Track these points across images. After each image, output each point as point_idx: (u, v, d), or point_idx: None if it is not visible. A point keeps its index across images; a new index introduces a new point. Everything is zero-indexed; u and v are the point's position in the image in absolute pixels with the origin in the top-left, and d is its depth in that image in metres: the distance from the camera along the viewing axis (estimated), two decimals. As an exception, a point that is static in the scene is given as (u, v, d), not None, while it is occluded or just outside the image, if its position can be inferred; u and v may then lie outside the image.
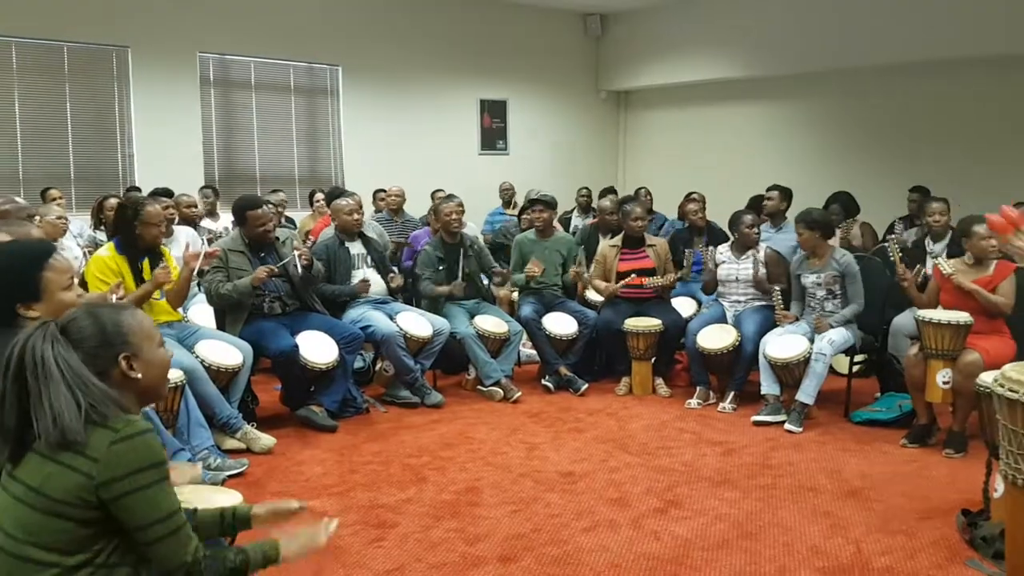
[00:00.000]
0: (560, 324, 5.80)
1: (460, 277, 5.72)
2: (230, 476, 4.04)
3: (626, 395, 5.66)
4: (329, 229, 5.93)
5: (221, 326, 4.94)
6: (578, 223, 8.62)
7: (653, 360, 5.71)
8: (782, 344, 5.03)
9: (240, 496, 2.73)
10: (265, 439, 4.48)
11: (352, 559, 3.24)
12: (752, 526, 3.54)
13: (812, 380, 4.88)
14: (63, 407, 1.63)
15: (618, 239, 5.97)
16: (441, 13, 10.08)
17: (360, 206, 5.72)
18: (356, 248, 5.60)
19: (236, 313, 4.88)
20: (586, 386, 5.68)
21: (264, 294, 4.95)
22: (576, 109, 11.57)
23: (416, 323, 5.41)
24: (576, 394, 5.64)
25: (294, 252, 4.98)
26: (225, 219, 7.23)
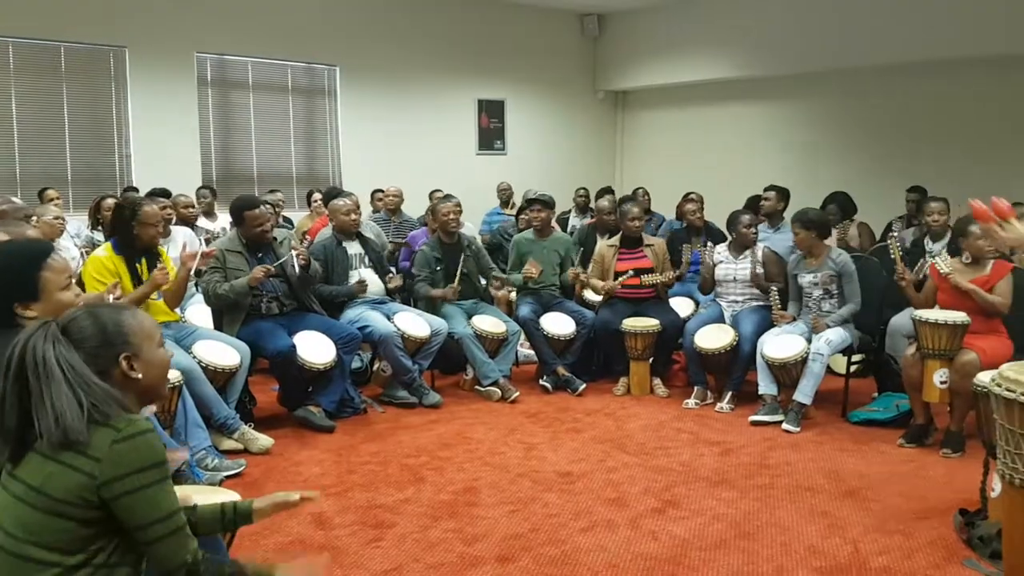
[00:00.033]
0: (558, 324, 5.80)
1: (458, 277, 5.71)
2: (228, 477, 4.04)
3: (624, 395, 5.66)
4: (327, 229, 5.93)
5: (218, 326, 4.94)
6: (576, 223, 8.61)
7: (651, 360, 5.71)
8: (780, 344, 5.04)
9: (238, 496, 2.73)
10: (263, 440, 4.48)
11: (350, 559, 3.24)
12: (750, 526, 3.54)
13: (809, 380, 4.88)
14: (65, 407, 1.63)
15: (616, 239, 5.97)
16: (439, 13, 10.08)
17: (357, 206, 5.71)
18: (353, 248, 5.60)
19: (233, 313, 4.88)
20: (584, 386, 5.68)
21: (262, 294, 4.95)
22: (574, 109, 11.57)
23: (414, 323, 5.41)
24: (574, 394, 5.64)
25: (291, 252, 4.98)
26: (223, 219, 7.23)
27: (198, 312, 5.42)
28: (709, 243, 5.78)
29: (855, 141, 9.37)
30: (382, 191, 8.24)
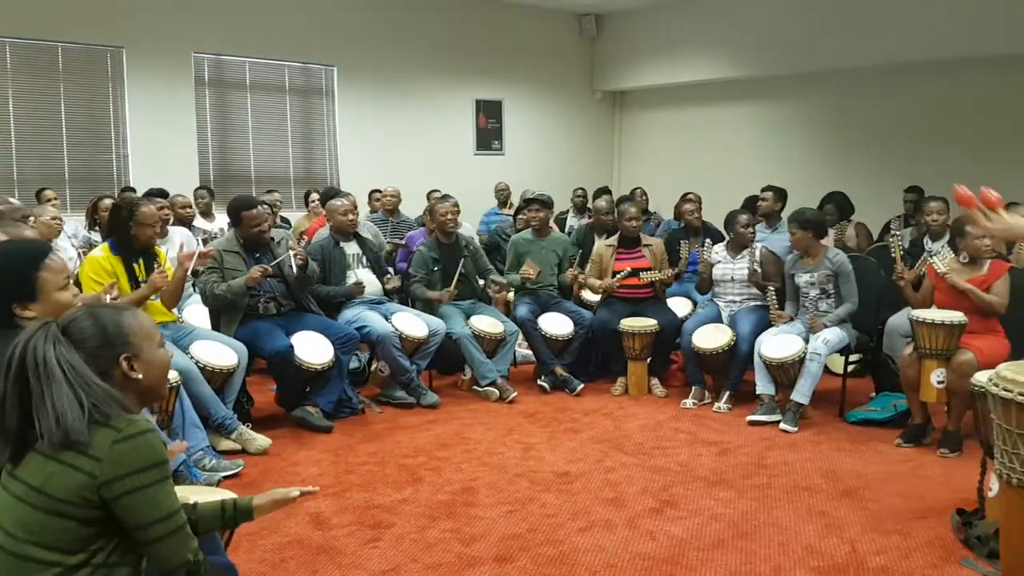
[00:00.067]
0: (556, 324, 5.80)
1: (455, 281, 5.71)
2: (225, 477, 4.04)
3: (622, 395, 5.66)
4: (324, 230, 5.92)
5: (216, 327, 4.93)
6: (573, 223, 8.62)
7: (649, 360, 5.71)
8: (777, 344, 5.04)
9: (234, 497, 2.73)
10: (260, 440, 4.47)
11: (348, 559, 3.24)
12: (747, 526, 3.54)
13: (807, 380, 4.88)
14: (66, 407, 1.63)
15: (614, 239, 5.98)
16: (436, 13, 10.07)
17: (355, 206, 5.71)
18: (351, 248, 5.60)
19: (231, 314, 4.87)
20: (582, 386, 5.68)
21: (259, 295, 4.94)
22: (571, 109, 11.57)
23: (412, 323, 5.41)
24: (572, 394, 5.64)
25: (289, 251, 4.97)
26: (220, 220, 7.22)
27: (195, 312, 5.42)
28: (707, 241, 5.78)
29: (854, 141, 9.37)
30: (380, 191, 8.23)
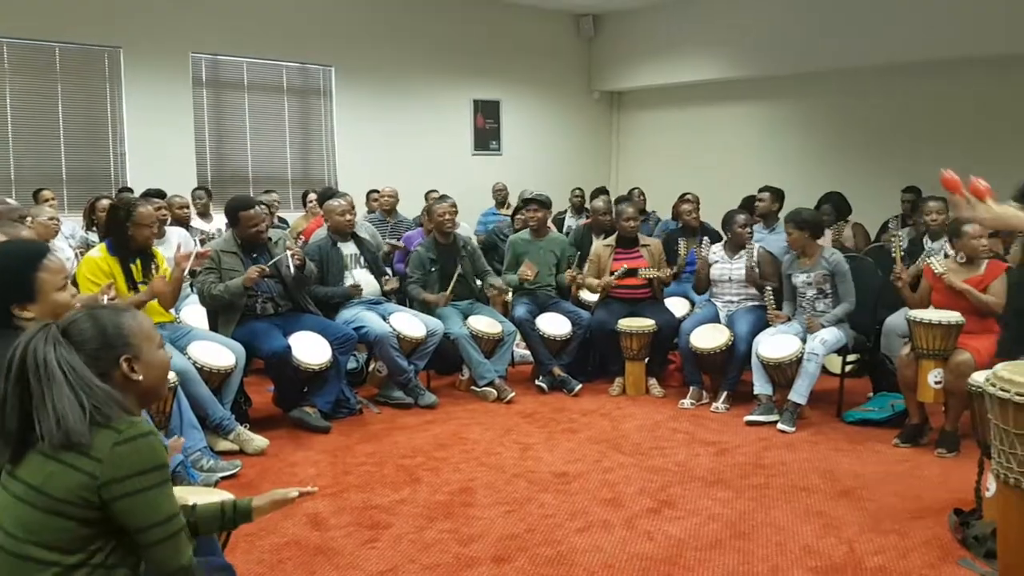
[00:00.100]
0: (554, 324, 5.80)
1: (452, 285, 5.70)
2: (223, 478, 4.03)
3: (620, 395, 5.66)
4: (321, 230, 5.92)
5: (214, 327, 4.93)
6: (571, 224, 8.62)
7: (647, 360, 5.71)
8: (775, 344, 5.04)
9: (233, 498, 2.73)
10: (258, 440, 4.47)
11: (345, 560, 3.24)
12: (745, 526, 3.55)
13: (805, 380, 4.89)
14: (67, 409, 1.63)
15: (612, 239, 5.98)
16: (434, 14, 10.07)
17: (352, 207, 5.71)
18: (349, 249, 5.59)
19: (229, 314, 4.87)
20: (580, 386, 5.68)
21: (257, 295, 4.94)
22: (569, 110, 11.58)
23: (409, 324, 5.41)
24: (570, 394, 5.64)
25: (286, 251, 4.97)
26: (218, 220, 7.22)
27: (193, 313, 5.42)
28: (705, 238, 5.79)
29: (852, 141, 9.37)
30: (378, 191, 8.23)
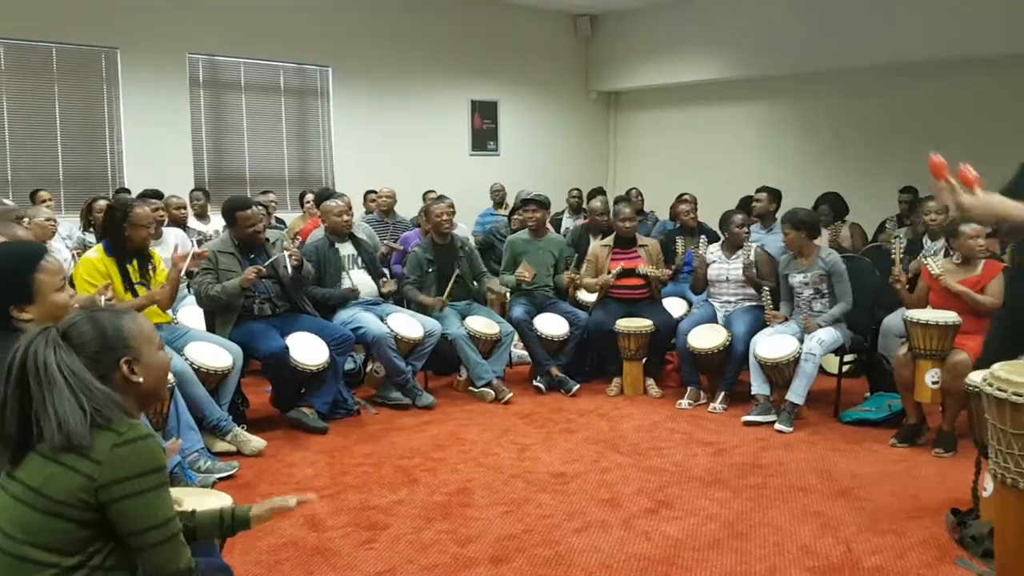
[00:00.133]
0: (551, 325, 5.80)
1: (449, 289, 5.70)
2: (220, 479, 4.02)
3: (617, 396, 5.66)
4: (319, 231, 5.92)
5: (211, 328, 4.92)
6: (569, 224, 8.62)
7: (644, 361, 5.71)
8: (772, 344, 5.05)
9: (230, 499, 2.72)
10: (255, 441, 4.46)
11: (343, 561, 3.24)
12: (742, 526, 3.55)
13: (802, 380, 4.89)
14: (67, 412, 1.63)
15: (610, 239, 5.99)
16: (431, 14, 10.07)
17: (349, 207, 5.70)
18: (346, 249, 5.59)
19: (226, 315, 4.86)
20: (577, 387, 5.69)
21: (254, 296, 4.93)
22: (566, 110, 11.59)
23: (407, 324, 5.40)
24: (567, 395, 5.64)
25: (283, 252, 4.96)
26: (216, 222, 7.21)
27: (190, 314, 5.40)
28: (703, 237, 5.79)
29: (850, 142, 9.37)
30: (375, 192, 8.23)
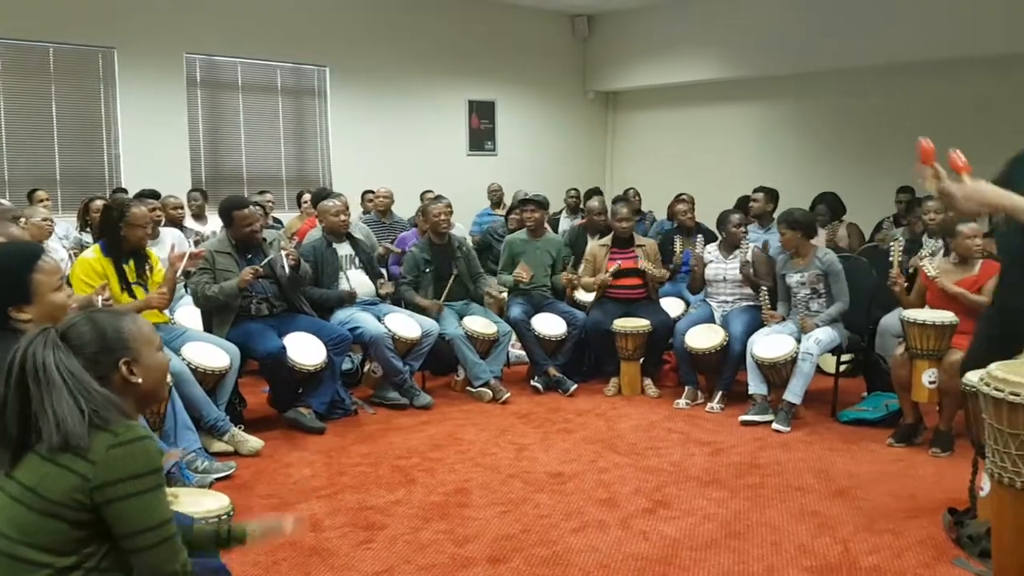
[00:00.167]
0: (549, 325, 5.80)
1: (446, 293, 5.70)
2: (217, 479, 4.02)
3: (615, 395, 5.66)
4: (315, 231, 5.91)
5: (208, 328, 4.91)
6: (566, 224, 8.62)
7: (642, 360, 5.71)
8: (769, 344, 5.05)
9: (227, 499, 2.73)
10: (253, 441, 4.46)
11: (341, 561, 3.23)
12: (740, 525, 3.55)
13: (799, 380, 4.89)
14: (66, 413, 1.63)
15: (608, 239, 5.99)
16: (428, 14, 10.07)
17: (347, 207, 5.70)
18: (344, 249, 5.58)
19: (223, 315, 4.86)
20: (575, 387, 5.69)
21: (252, 296, 4.93)
22: (564, 110, 11.58)
23: (404, 324, 5.40)
24: (565, 395, 5.64)
25: (280, 251, 4.96)
26: (213, 223, 7.20)
27: (187, 314, 5.40)
28: (700, 236, 5.79)
29: (847, 142, 9.35)
30: (372, 192, 8.22)
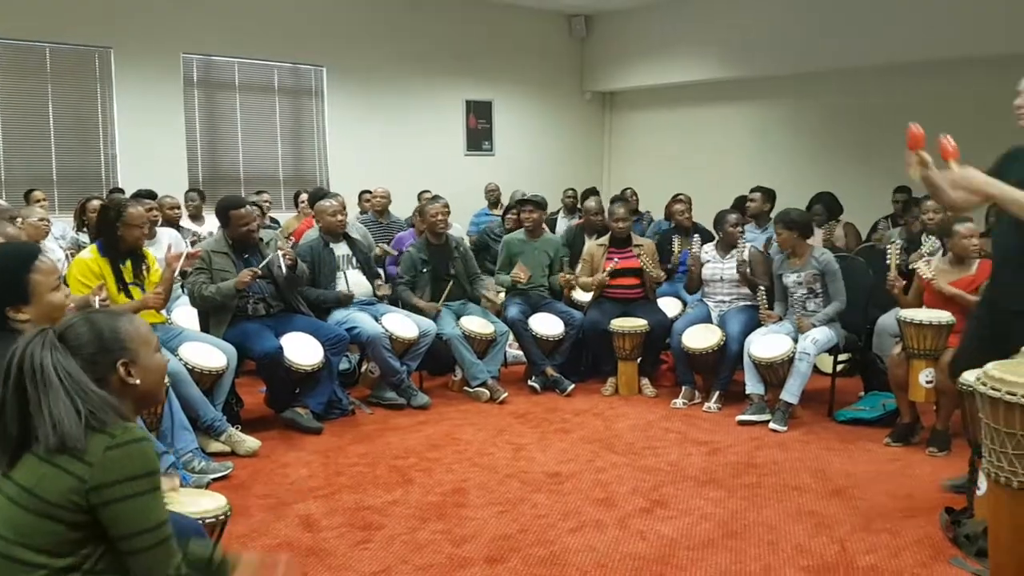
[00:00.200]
0: (546, 325, 5.80)
1: (444, 296, 5.69)
2: (214, 479, 4.01)
3: (612, 395, 5.67)
4: (312, 231, 5.91)
5: (205, 328, 4.91)
6: (564, 224, 8.62)
7: (639, 360, 5.72)
8: (766, 344, 5.05)
9: (224, 499, 2.73)
10: (250, 442, 4.45)
11: (338, 561, 3.23)
12: (737, 525, 3.55)
13: (796, 379, 4.90)
14: (63, 414, 1.63)
15: (605, 239, 5.99)
16: (426, 14, 10.06)
17: (344, 207, 5.69)
18: (341, 249, 5.58)
19: (220, 315, 4.85)
20: (572, 387, 5.69)
21: (248, 296, 4.92)
22: (561, 110, 11.58)
23: (402, 324, 5.40)
24: (562, 395, 5.64)
25: (277, 251, 4.96)
26: (210, 223, 7.19)
27: (184, 314, 5.39)
28: (697, 236, 5.79)
29: (844, 142, 9.36)
30: (370, 192, 8.22)
